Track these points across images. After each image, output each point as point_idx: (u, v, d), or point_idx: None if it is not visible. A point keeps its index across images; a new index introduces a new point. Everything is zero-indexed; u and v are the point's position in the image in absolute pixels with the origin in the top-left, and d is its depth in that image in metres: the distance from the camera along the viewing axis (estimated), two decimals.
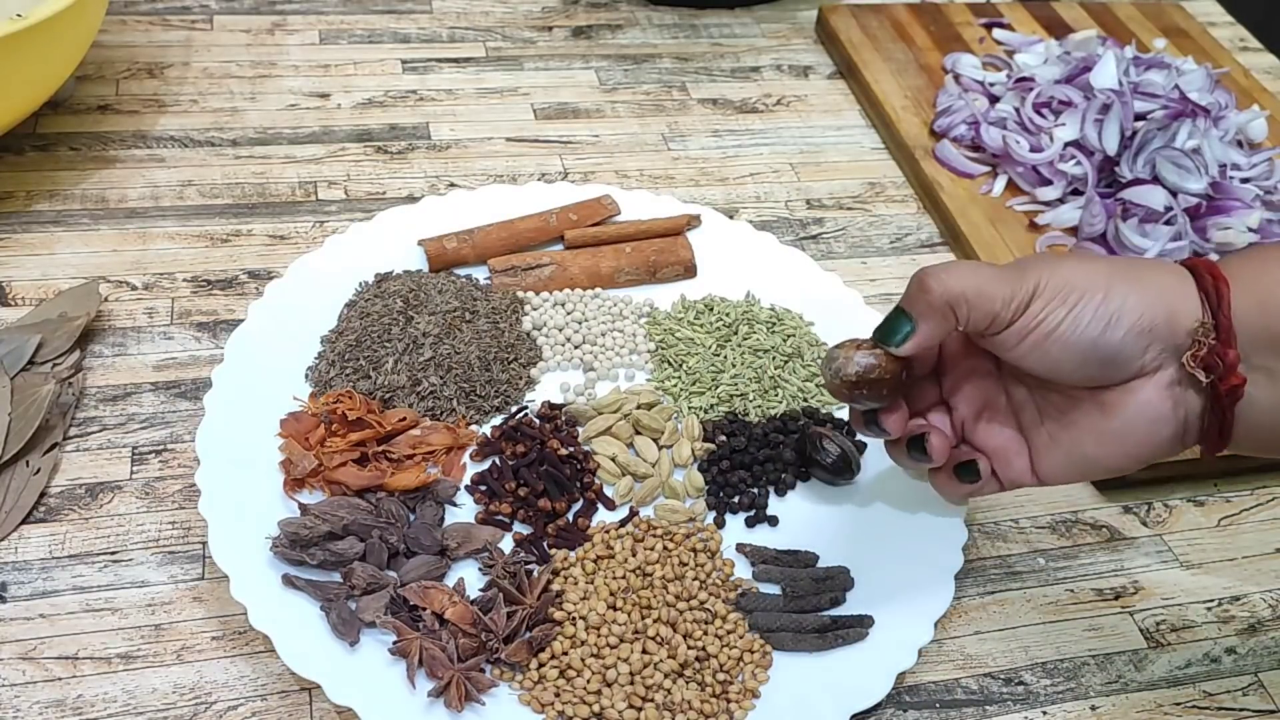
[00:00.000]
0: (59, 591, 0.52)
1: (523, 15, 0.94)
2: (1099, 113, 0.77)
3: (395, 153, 0.79)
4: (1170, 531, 0.61)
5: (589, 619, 0.51)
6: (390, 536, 0.53)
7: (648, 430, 0.60)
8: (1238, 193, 0.73)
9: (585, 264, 0.68)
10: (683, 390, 0.62)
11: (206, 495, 0.53)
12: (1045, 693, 0.53)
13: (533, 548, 0.55)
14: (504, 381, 0.62)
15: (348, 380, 0.60)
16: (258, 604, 0.49)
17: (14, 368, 0.59)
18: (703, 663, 0.51)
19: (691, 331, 0.65)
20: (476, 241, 0.68)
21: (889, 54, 0.91)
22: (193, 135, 0.78)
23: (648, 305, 0.67)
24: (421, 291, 0.64)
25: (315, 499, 0.55)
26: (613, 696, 0.49)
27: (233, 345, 0.60)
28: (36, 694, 0.48)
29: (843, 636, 0.52)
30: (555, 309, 0.66)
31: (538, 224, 0.69)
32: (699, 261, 0.70)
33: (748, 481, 0.59)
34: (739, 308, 0.66)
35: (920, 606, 0.53)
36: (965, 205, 0.77)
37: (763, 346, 0.64)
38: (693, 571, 0.54)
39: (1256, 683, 0.54)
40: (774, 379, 0.63)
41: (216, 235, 0.71)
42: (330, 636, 0.49)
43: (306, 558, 0.51)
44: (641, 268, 0.69)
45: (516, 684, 0.50)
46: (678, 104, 0.87)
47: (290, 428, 0.57)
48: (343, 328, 0.63)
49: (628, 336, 0.65)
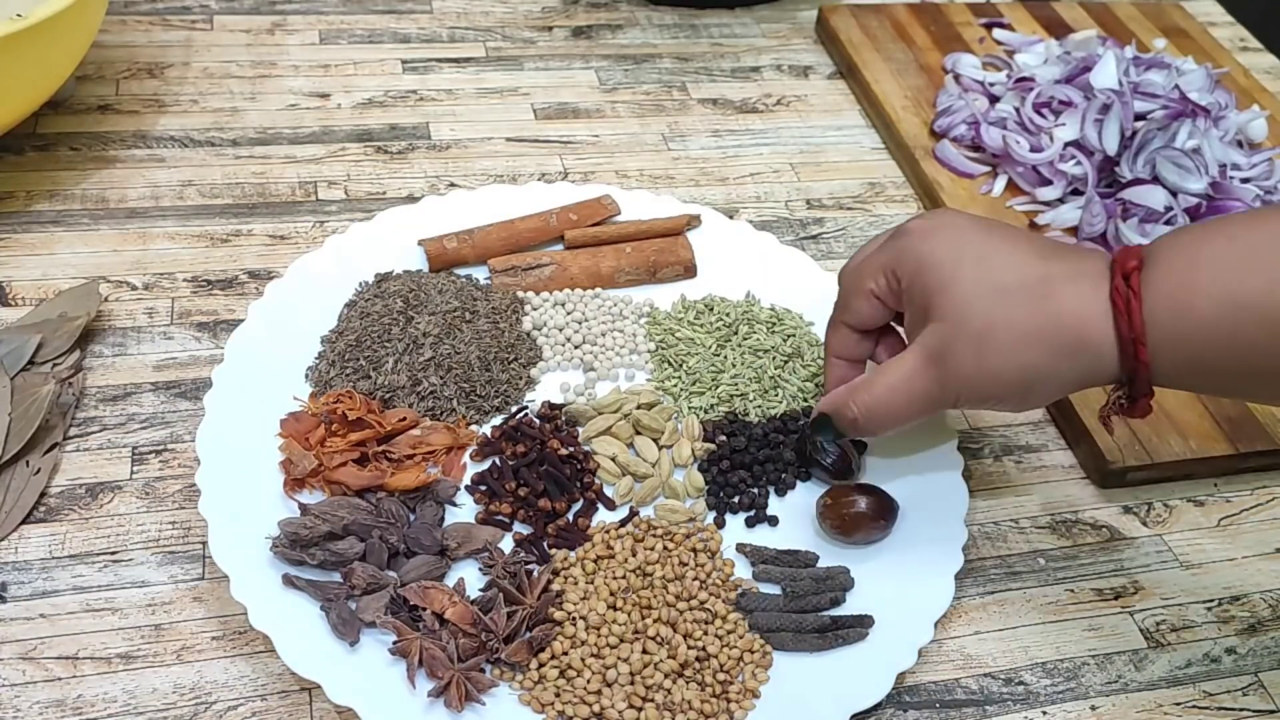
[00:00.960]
0: (59, 591, 0.52)
1: (523, 15, 0.94)
2: (1099, 113, 0.77)
3: (395, 153, 0.79)
4: (1170, 531, 0.61)
5: (589, 619, 0.51)
6: (390, 536, 0.53)
7: (648, 430, 0.60)
8: (1238, 193, 0.74)
9: (585, 264, 0.68)
10: (683, 390, 0.62)
11: (206, 495, 0.53)
12: (1045, 693, 0.53)
13: (533, 548, 0.54)
14: (504, 381, 0.62)
15: (348, 380, 0.60)
16: (258, 604, 0.49)
17: (14, 368, 0.59)
18: (703, 663, 0.51)
19: (691, 331, 0.65)
20: (476, 241, 0.68)
21: (889, 54, 0.91)
22: (193, 135, 0.78)
23: (648, 305, 0.67)
24: (421, 291, 0.64)
25: (315, 499, 0.55)
26: (613, 696, 0.49)
27: (233, 345, 0.60)
28: (36, 694, 0.48)
29: (843, 636, 0.52)
30: (555, 309, 0.66)
31: (538, 224, 0.69)
32: (699, 261, 0.70)
33: (748, 481, 0.58)
34: (739, 308, 0.66)
35: (920, 606, 0.53)
36: (965, 205, 0.77)
37: (763, 346, 0.64)
38: (693, 571, 0.54)
39: (1256, 683, 0.54)
40: (774, 379, 0.63)
41: (216, 235, 0.71)
42: (330, 637, 0.49)
43: (306, 558, 0.51)
44: (642, 268, 0.69)
45: (517, 684, 0.50)
46: (678, 104, 0.87)
47: (290, 428, 0.57)
48: (343, 328, 0.63)
49: (628, 336, 0.65)
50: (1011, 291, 0.47)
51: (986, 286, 0.48)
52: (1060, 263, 0.48)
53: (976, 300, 0.48)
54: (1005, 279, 0.47)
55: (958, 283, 0.48)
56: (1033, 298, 0.47)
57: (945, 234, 0.50)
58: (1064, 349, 0.47)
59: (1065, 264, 0.48)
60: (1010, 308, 0.47)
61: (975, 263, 0.48)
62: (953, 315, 0.48)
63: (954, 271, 0.48)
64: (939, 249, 0.49)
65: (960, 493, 0.57)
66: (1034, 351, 0.47)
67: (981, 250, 0.49)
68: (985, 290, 0.48)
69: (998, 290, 0.47)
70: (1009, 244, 0.49)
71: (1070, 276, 0.47)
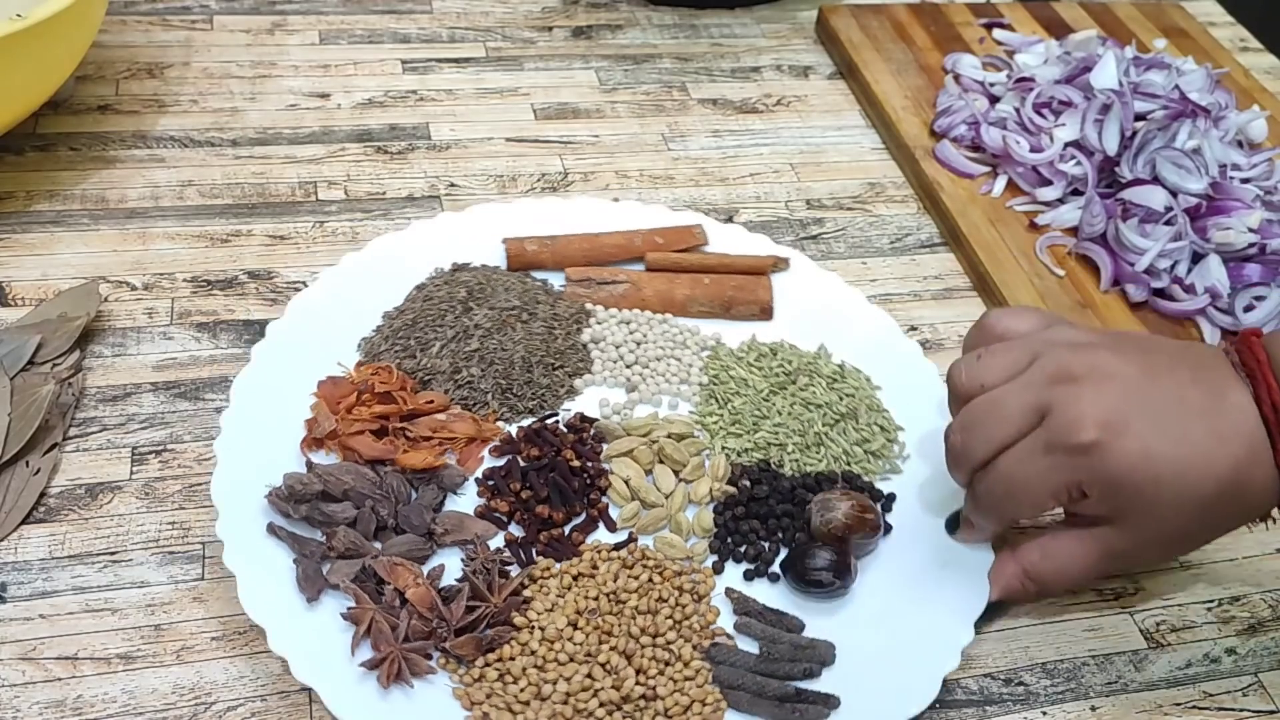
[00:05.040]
0: (59, 592, 0.52)
1: (523, 15, 0.94)
2: (1099, 113, 0.77)
3: (395, 153, 0.79)
4: None
5: (546, 631, 0.51)
6: (382, 509, 0.53)
7: (670, 460, 0.58)
8: (1238, 193, 0.73)
9: (660, 288, 0.67)
10: (721, 428, 0.61)
11: (225, 435, 0.55)
12: (1045, 693, 0.53)
13: (520, 551, 0.54)
14: (543, 386, 0.62)
15: (395, 357, 0.62)
16: (235, 545, 0.51)
17: (14, 368, 0.59)
18: (648, 702, 0.49)
19: (746, 372, 0.63)
20: (558, 248, 0.68)
21: (889, 54, 0.91)
22: (193, 135, 0.78)
23: (714, 340, 0.66)
24: (488, 286, 0.65)
25: (331, 462, 0.57)
26: (539, 711, 0.48)
27: (295, 304, 0.62)
28: (36, 694, 0.48)
29: (801, 711, 0.49)
30: (619, 326, 0.66)
31: (622, 241, 0.69)
32: (779, 305, 0.68)
33: (759, 533, 0.56)
34: (804, 358, 0.64)
35: (891, 705, 0.50)
36: (965, 205, 0.77)
37: (816, 401, 0.61)
38: (669, 609, 0.52)
39: (1256, 683, 0.54)
40: (819, 435, 0.60)
41: (216, 235, 0.71)
42: (294, 591, 0.50)
43: (292, 511, 0.53)
44: (716, 301, 0.67)
45: (457, 677, 0.50)
46: (678, 104, 0.87)
47: (326, 390, 0.59)
48: (404, 307, 0.65)
49: (683, 366, 0.64)
50: (1210, 506, 0.48)
51: (1189, 505, 0.48)
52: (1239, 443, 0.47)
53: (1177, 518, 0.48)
54: (1203, 490, 0.47)
55: (1158, 506, 0.48)
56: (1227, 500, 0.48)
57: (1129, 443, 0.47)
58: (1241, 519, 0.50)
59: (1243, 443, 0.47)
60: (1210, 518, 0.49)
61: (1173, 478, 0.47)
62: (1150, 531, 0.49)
63: (1155, 494, 0.47)
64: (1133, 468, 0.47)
65: (971, 612, 0.53)
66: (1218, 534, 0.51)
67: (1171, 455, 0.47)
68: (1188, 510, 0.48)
69: (1200, 509, 0.48)
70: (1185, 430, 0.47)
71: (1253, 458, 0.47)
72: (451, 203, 0.75)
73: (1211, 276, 0.70)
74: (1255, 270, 0.70)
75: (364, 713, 0.47)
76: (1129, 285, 0.71)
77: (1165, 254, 0.71)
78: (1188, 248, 0.71)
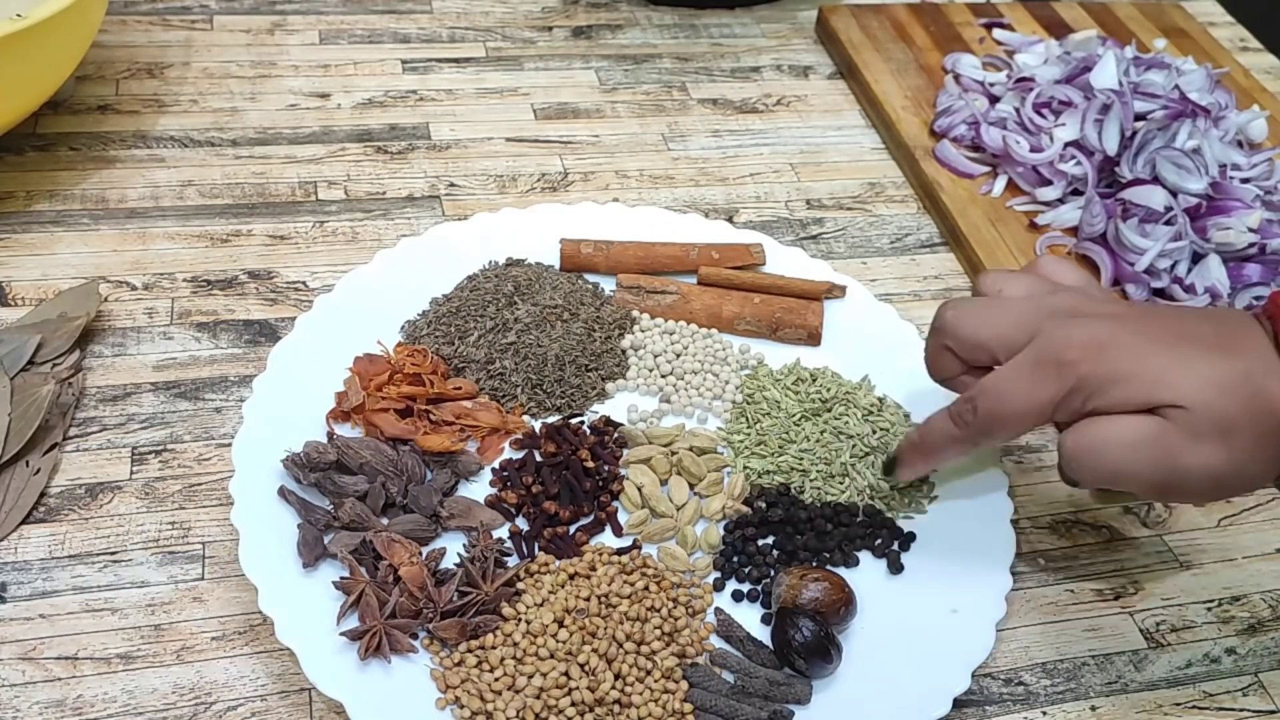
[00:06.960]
0: (59, 592, 0.52)
1: (523, 15, 0.94)
2: (1099, 113, 0.77)
3: (395, 153, 0.79)
4: (1170, 531, 0.61)
5: (531, 625, 0.51)
6: (392, 486, 0.54)
7: (686, 473, 0.58)
8: (1238, 193, 0.73)
9: (709, 302, 0.67)
10: (746, 447, 0.60)
11: (255, 399, 0.56)
12: (1045, 693, 0.53)
13: (523, 544, 0.55)
14: (574, 385, 0.62)
15: (434, 341, 0.63)
16: (245, 504, 0.52)
17: (14, 368, 0.59)
18: (622, 708, 0.48)
19: (779, 394, 0.62)
20: (612, 253, 0.69)
21: (889, 54, 0.91)
22: (193, 135, 0.78)
23: (756, 359, 0.65)
24: (536, 283, 0.66)
25: (355, 435, 0.58)
26: (510, 703, 0.48)
27: (345, 282, 0.64)
28: (36, 694, 0.48)
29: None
30: (661, 336, 0.65)
31: (677, 252, 0.69)
32: (829, 332, 0.66)
33: (766, 555, 0.55)
34: (844, 387, 0.62)
35: None
36: (965, 205, 0.77)
37: (848, 431, 0.60)
38: (659, 619, 0.52)
39: (1256, 683, 0.54)
40: (845, 466, 0.59)
41: (216, 235, 0.71)
42: (293, 556, 0.51)
43: (303, 477, 0.54)
44: (764, 321, 0.66)
45: (439, 659, 0.50)
46: (678, 104, 0.87)
47: (361, 365, 0.60)
48: (452, 294, 0.66)
49: (719, 382, 0.64)
50: (1226, 389, 0.44)
51: (1219, 381, 0.44)
52: (1252, 357, 0.45)
53: (1206, 389, 0.44)
54: (1206, 398, 0.44)
55: (1179, 380, 0.44)
56: (1241, 406, 0.44)
57: (1121, 355, 0.45)
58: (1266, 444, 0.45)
59: (1258, 357, 0.45)
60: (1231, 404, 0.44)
61: (1175, 372, 0.45)
62: (1186, 407, 0.44)
63: (1156, 378, 0.45)
64: (1131, 372, 0.45)
65: (975, 661, 0.51)
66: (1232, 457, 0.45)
67: (1167, 357, 0.45)
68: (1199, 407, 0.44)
69: (1212, 417, 0.44)
70: (1186, 352, 0.45)
71: (1269, 370, 0.44)
72: (451, 203, 0.75)
73: (1211, 276, 0.70)
74: (1255, 270, 0.70)
75: (338, 681, 0.47)
76: (1129, 285, 0.71)
77: (1165, 254, 0.71)
78: (1188, 248, 0.71)
